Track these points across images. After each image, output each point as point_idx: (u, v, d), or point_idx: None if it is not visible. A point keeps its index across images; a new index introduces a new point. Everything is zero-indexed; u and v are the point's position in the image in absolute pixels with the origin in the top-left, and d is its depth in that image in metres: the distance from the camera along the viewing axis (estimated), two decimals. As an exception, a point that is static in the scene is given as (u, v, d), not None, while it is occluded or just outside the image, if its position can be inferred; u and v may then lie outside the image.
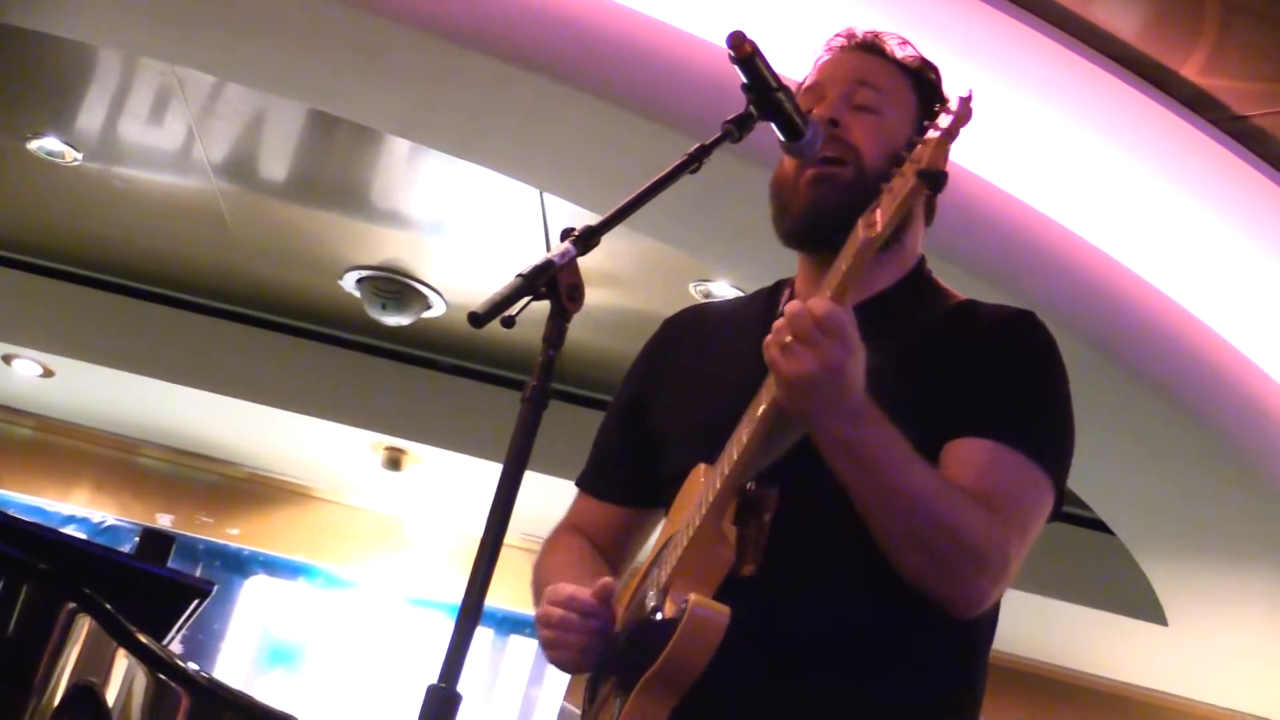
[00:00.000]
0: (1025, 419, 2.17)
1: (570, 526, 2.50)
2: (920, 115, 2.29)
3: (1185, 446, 5.30)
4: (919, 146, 1.93)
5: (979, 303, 2.32)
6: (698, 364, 2.41)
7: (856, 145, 2.27)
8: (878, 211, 1.95)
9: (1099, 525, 6.33)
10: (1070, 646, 7.73)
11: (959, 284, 2.40)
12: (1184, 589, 6.42)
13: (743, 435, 2.07)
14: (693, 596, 2.00)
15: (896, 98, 2.34)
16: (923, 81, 2.39)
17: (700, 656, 1.99)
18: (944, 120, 1.92)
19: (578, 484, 2.55)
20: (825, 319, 1.93)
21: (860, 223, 1.98)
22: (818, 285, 2.18)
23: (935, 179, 1.89)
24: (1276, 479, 5.39)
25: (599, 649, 2.15)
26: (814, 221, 2.26)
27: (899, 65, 2.38)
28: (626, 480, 2.47)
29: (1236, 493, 5.50)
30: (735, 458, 2.06)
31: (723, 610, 1.99)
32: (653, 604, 2.10)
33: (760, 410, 2.04)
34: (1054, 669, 8.09)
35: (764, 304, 2.43)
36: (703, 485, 2.15)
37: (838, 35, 2.41)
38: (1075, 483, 2.23)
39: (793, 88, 2.22)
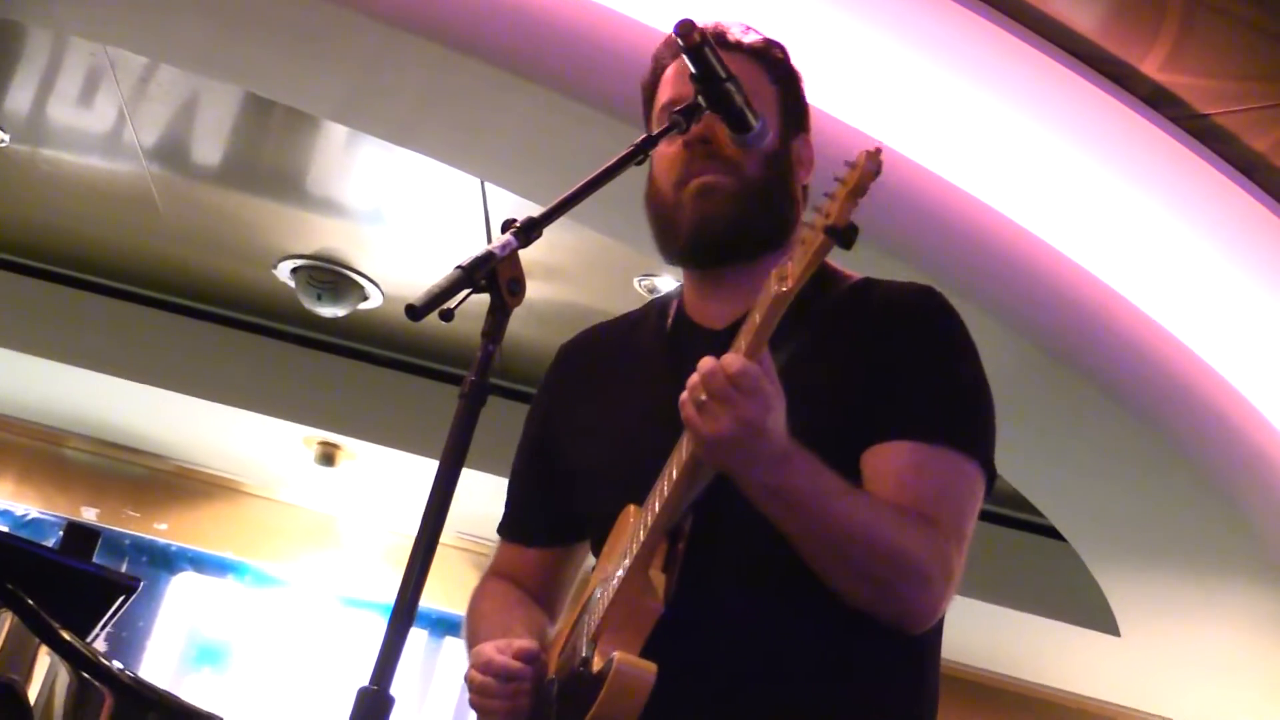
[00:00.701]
0: (943, 410, 2.15)
1: (497, 574, 2.48)
2: (782, 104, 2.32)
3: (1143, 454, 5.27)
4: (827, 201, 1.86)
5: (875, 282, 2.28)
6: (600, 399, 2.38)
7: (734, 159, 2.23)
8: (789, 265, 1.89)
9: (1052, 532, 6.30)
10: (1020, 655, 7.74)
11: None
12: (1138, 599, 6.42)
13: (664, 487, 2.04)
14: (617, 655, 1.99)
15: (757, 94, 2.25)
16: (773, 64, 2.35)
17: (627, 713, 1.97)
18: (849, 176, 1.85)
19: (499, 532, 2.52)
20: (740, 377, 1.91)
21: (773, 275, 1.92)
22: (708, 301, 2.27)
23: (843, 235, 1.84)
24: (1234, 489, 5.37)
25: (527, 705, 2.14)
26: (704, 237, 2.26)
27: (747, 52, 2.32)
28: (546, 523, 2.46)
29: (1194, 503, 5.47)
30: (659, 509, 2.03)
31: (649, 668, 1.98)
32: (583, 654, 2.08)
33: (682, 462, 2.01)
34: (1002, 678, 8.10)
35: (655, 323, 2.40)
36: (631, 528, 2.11)
37: (674, 35, 2.29)
38: (1029, 489, 2.19)
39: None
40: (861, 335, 2.18)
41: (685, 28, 2.06)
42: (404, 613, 1.77)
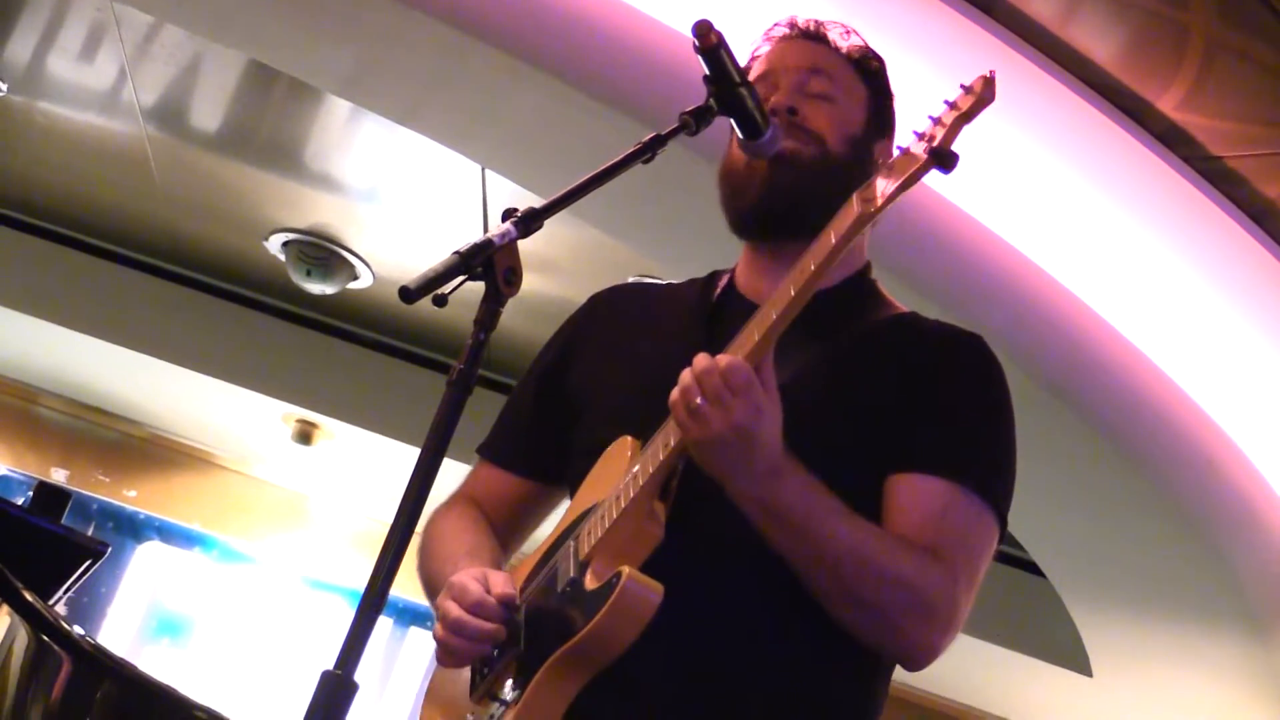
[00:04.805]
0: (979, 456, 2.15)
1: (465, 496, 2.44)
2: (870, 105, 2.32)
3: (1130, 495, 5.23)
4: (933, 125, 1.85)
5: (922, 317, 2.29)
6: (626, 341, 2.37)
7: (818, 131, 2.24)
8: (876, 185, 1.87)
9: (1030, 566, 6.27)
10: (989, 688, 7.71)
11: (903, 300, 2.33)
12: (1112, 641, 6.38)
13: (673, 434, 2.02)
14: (626, 569, 1.95)
15: (848, 86, 2.31)
16: (868, 72, 2.36)
17: (628, 633, 1.94)
18: (964, 100, 1.85)
19: (479, 451, 2.48)
20: (732, 374, 1.91)
21: (855, 196, 1.90)
22: (760, 276, 2.24)
23: (947, 159, 1.82)
24: (1219, 538, 5.34)
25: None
26: (772, 203, 2.23)
27: (844, 56, 2.35)
28: (533, 449, 2.42)
29: (1177, 548, 5.44)
30: (672, 444, 2.00)
31: (656, 587, 1.95)
32: (571, 576, 2.06)
33: None
34: (969, 710, 8.06)
35: (700, 289, 2.39)
36: (631, 460, 2.10)
37: (778, 25, 2.37)
38: (1011, 521, 2.17)
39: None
40: (909, 358, 2.17)
41: (702, 29, 2.04)
42: (374, 599, 1.74)
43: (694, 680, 2.04)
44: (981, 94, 1.86)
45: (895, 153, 1.90)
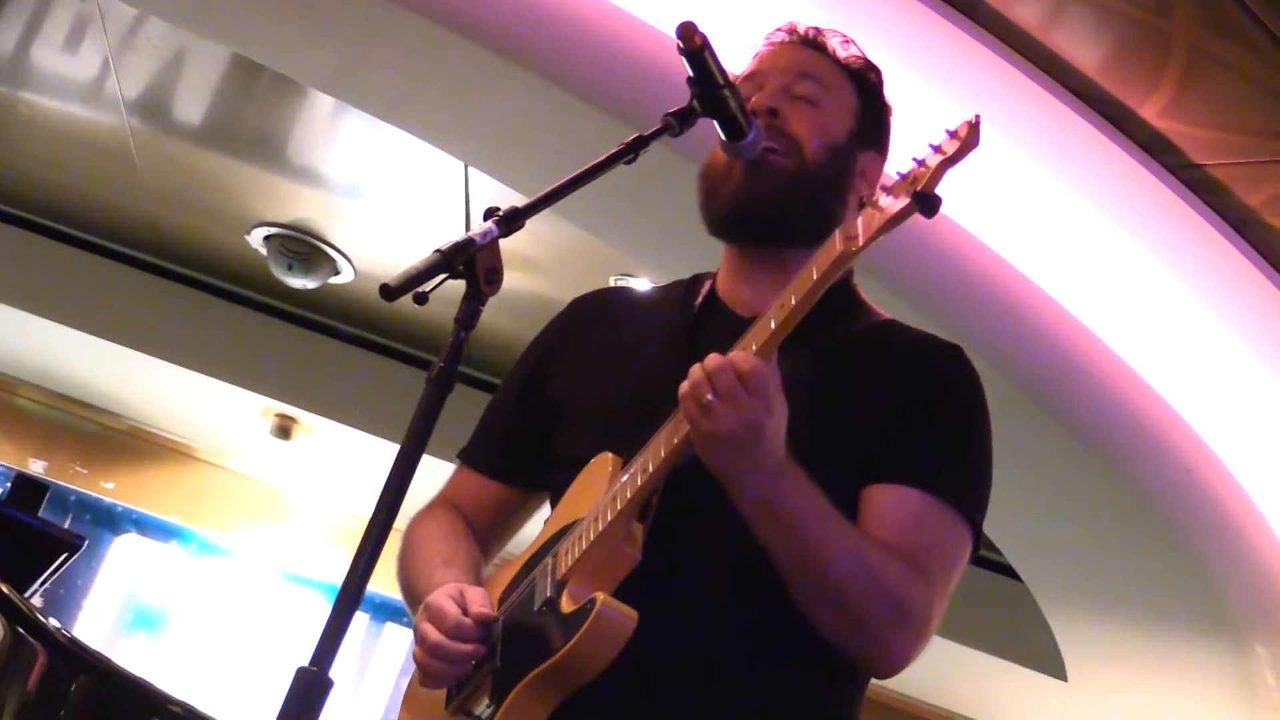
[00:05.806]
0: (956, 470, 2.15)
1: (446, 501, 2.43)
2: (860, 116, 2.31)
3: (1107, 501, 5.24)
4: (917, 167, 1.85)
5: (904, 325, 2.28)
6: (608, 347, 2.36)
7: (796, 136, 2.24)
8: (859, 224, 1.87)
9: (1007, 570, 6.27)
10: (964, 692, 7.71)
11: (885, 305, 2.33)
12: (1087, 645, 6.39)
13: (660, 450, 2.02)
14: (600, 596, 1.96)
15: (837, 94, 2.30)
16: (864, 83, 2.35)
17: (601, 658, 1.95)
18: (949, 145, 1.85)
19: (460, 456, 2.47)
20: (749, 376, 1.90)
21: (838, 234, 1.91)
22: (740, 284, 2.24)
23: (930, 203, 1.83)
24: (1197, 545, 5.34)
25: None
26: (745, 208, 2.22)
27: (841, 65, 2.33)
28: (513, 456, 2.41)
29: (1154, 555, 5.44)
30: (651, 470, 2.01)
31: (630, 614, 1.95)
32: (547, 595, 2.05)
33: (681, 435, 1.99)
34: (942, 713, 8.03)
35: (681, 294, 2.37)
36: (612, 479, 2.09)
37: (779, 30, 2.36)
38: (988, 525, 2.17)
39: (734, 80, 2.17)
40: (890, 367, 2.18)
41: (686, 31, 2.03)
42: (351, 594, 1.74)
43: (668, 702, 2.05)
44: (966, 139, 1.86)
45: (879, 195, 1.89)
